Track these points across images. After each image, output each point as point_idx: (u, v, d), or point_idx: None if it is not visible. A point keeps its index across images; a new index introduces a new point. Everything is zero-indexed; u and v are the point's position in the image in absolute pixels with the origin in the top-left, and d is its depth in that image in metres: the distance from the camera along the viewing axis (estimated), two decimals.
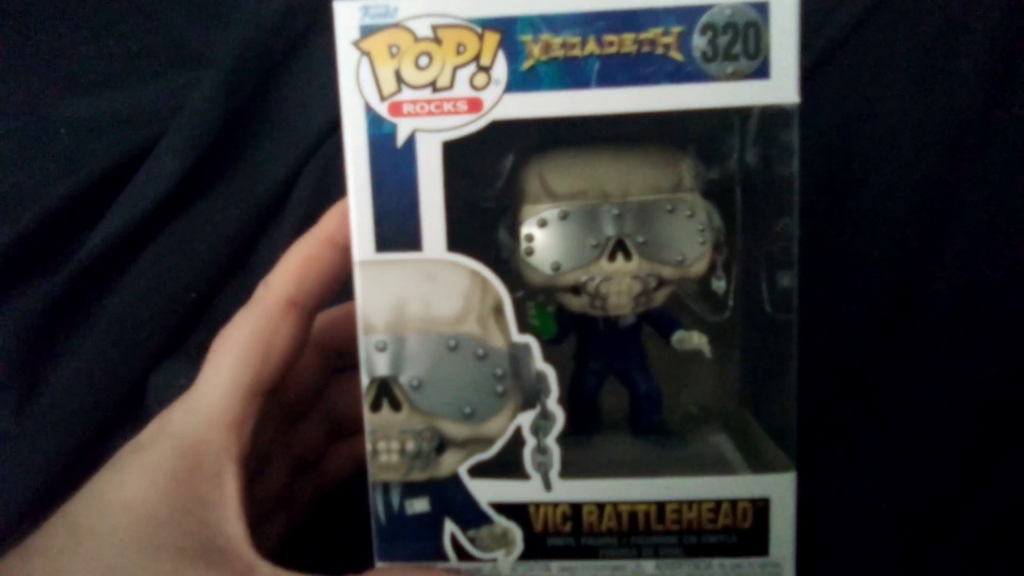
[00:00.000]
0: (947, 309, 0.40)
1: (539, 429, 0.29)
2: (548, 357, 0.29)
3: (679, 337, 0.33)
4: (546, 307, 0.33)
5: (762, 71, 0.27)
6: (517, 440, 0.29)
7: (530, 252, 0.31)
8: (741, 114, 0.32)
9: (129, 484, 0.28)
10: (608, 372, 0.34)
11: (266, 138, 0.45)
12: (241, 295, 0.32)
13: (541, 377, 0.29)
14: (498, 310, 0.29)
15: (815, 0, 0.42)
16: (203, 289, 0.43)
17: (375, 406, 0.29)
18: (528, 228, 0.31)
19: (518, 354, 0.29)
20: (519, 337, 0.29)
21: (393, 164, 0.28)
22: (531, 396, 0.29)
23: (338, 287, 0.31)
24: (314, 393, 0.35)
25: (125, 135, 0.44)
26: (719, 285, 0.33)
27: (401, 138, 0.28)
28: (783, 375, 0.30)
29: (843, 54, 0.42)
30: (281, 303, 0.30)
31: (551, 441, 0.29)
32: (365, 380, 0.29)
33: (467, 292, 0.29)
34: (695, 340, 0.33)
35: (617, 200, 0.31)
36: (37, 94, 0.45)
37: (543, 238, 0.31)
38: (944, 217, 0.41)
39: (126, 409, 0.40)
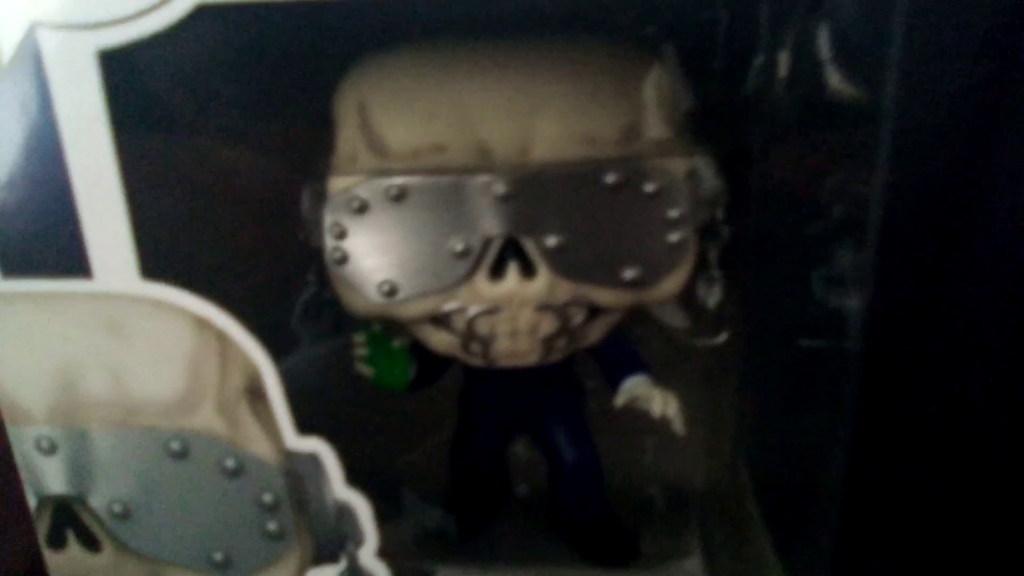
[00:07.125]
0: None
1: None
2: (361, 469, 0.15)
3: (629, 391, 0.19)
4: (390, 339, 0.18)
5: None
6: None
7: (342, 258, 0.16)
8: None
9: None
10: (513, 430, 0.21)
11: None
12: None
13: (344, 512, 0.15)
14: (255, 391, 0.15)
15: None
16: None
17: (55, 542, 0.16)
18: (335, 214, 0.16)
19: (298, 470, 0.15)
20: (298, 441, 0.15)
21: (4, 105, 0.13)
22: (329, 543, 0.16)
23: None
24: None
25: None
26: (712, 292, 0.19)
27: (6, 49, 0.13)
28: (823, 442, 0.17)
29: None
30: None
31: None
32: (32, 500, 0.16)
33: (191, 355, 0.15)
34: (657, 403, 0.18)
35: (507, 163, 0.15)
36: None
37: (363, 235, 0.16)
38: None
39: None
